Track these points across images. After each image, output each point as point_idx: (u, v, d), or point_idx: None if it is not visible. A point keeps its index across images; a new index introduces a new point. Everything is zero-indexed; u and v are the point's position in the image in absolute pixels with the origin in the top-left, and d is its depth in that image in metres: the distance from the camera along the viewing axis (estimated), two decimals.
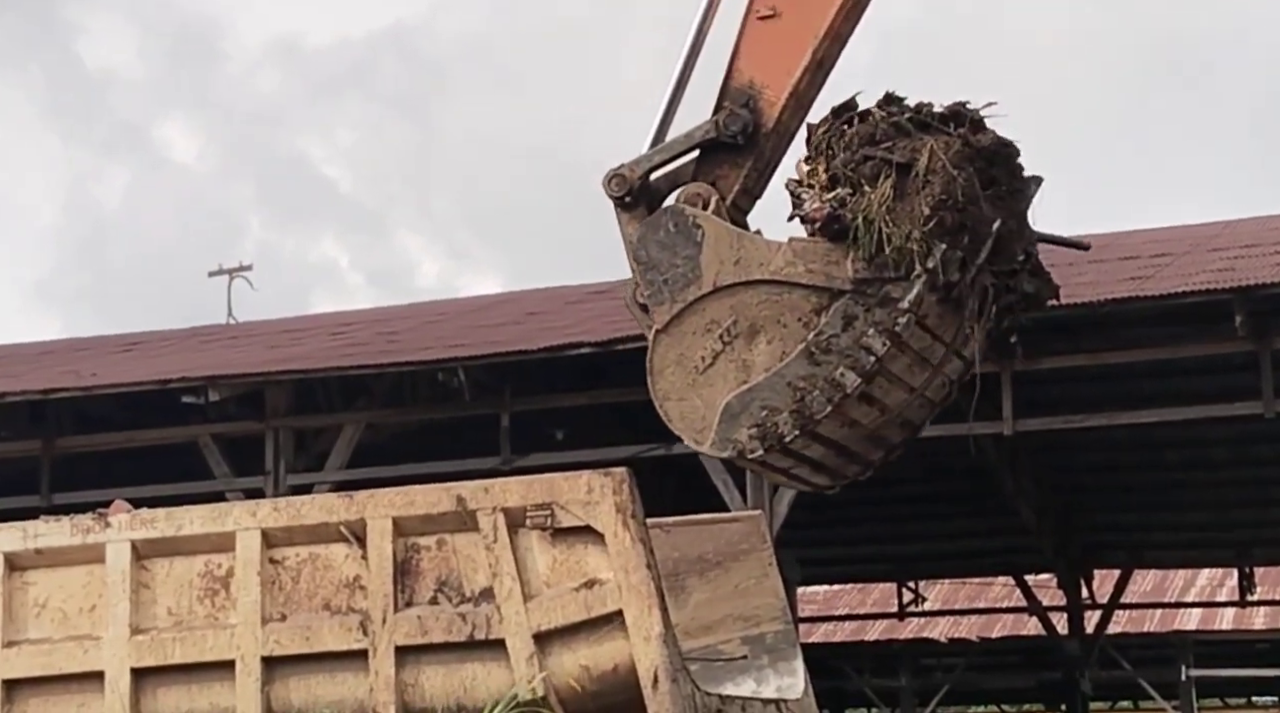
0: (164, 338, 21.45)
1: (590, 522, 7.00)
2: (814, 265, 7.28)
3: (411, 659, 7.07)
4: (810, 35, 7.67)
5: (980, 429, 16.87)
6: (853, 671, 26.83)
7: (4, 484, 17.72)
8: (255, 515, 7.31)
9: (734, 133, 7.61)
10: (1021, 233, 7.65)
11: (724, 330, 7.39)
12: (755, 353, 7.33)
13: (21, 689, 7.40)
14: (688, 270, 7.45)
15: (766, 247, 7.42)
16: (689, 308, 7.44)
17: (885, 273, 7.15)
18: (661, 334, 7.50)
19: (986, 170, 7.47)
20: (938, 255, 7.09)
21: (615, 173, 7.68)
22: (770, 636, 8.23)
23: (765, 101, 7.68)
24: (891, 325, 7.13)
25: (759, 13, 7.74)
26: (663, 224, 7.55)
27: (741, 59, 7.76)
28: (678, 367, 7.45)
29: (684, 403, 7.44)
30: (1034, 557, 23.48)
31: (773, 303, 7.33)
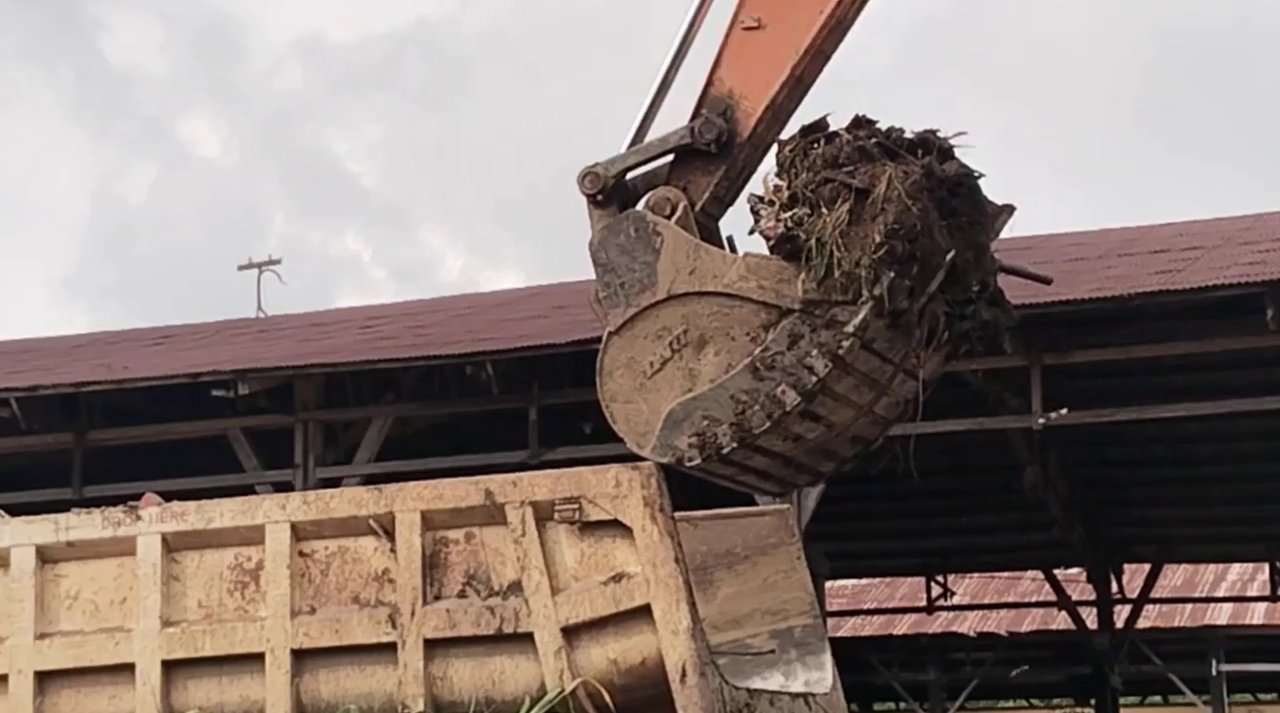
0: (194, 331, 21.53)
1: (618, 516, 7.00)
2: (765, 282, 7.39)
3: (440, 652, 7.09)
4: (792, 50, 7.73)
5: (1010, 423, 16.85)
6: (881, 665, 26.82)
7: (36, 477, 17.82)
8: (285, 509, 7.34)
9: (709, 140, 7.70)
10: (979, 263, 7.73)
11: (674, 338, 7.50)
12: (702, 363, 7.44)
13: (54, 681, 7.45)
14: (644, 276, 7.56)
15: (722, 259, 7.53)
16: (642, 313, 7.55)
17: (833, 296, 7.25)
18: (614, 336, 7.61)
19: (948, 200, 7.55)
20: (885, 283, 7.18)
21: (589, 170, 7.77)
22: (798, 630, 8.22)
23: (742, 112, 7.76)
24: (835, 347, 7.23)
25: (743, 23, 7.81)
26: (624, 228, 7.66)
27: (722, 67, 7.84)
28: (627, 370, 7.56)
29: (630, 406, 7.56)
30: (1063, 551, 23.40)
31: (723, 315, 7.44)
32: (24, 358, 20.43)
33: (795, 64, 7.73)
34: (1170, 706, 30.69)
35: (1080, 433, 18.07)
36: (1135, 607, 24.55)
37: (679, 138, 7.77)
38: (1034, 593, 28.32)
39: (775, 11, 7.75)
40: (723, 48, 7.86)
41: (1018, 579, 28.92)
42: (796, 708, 7.80)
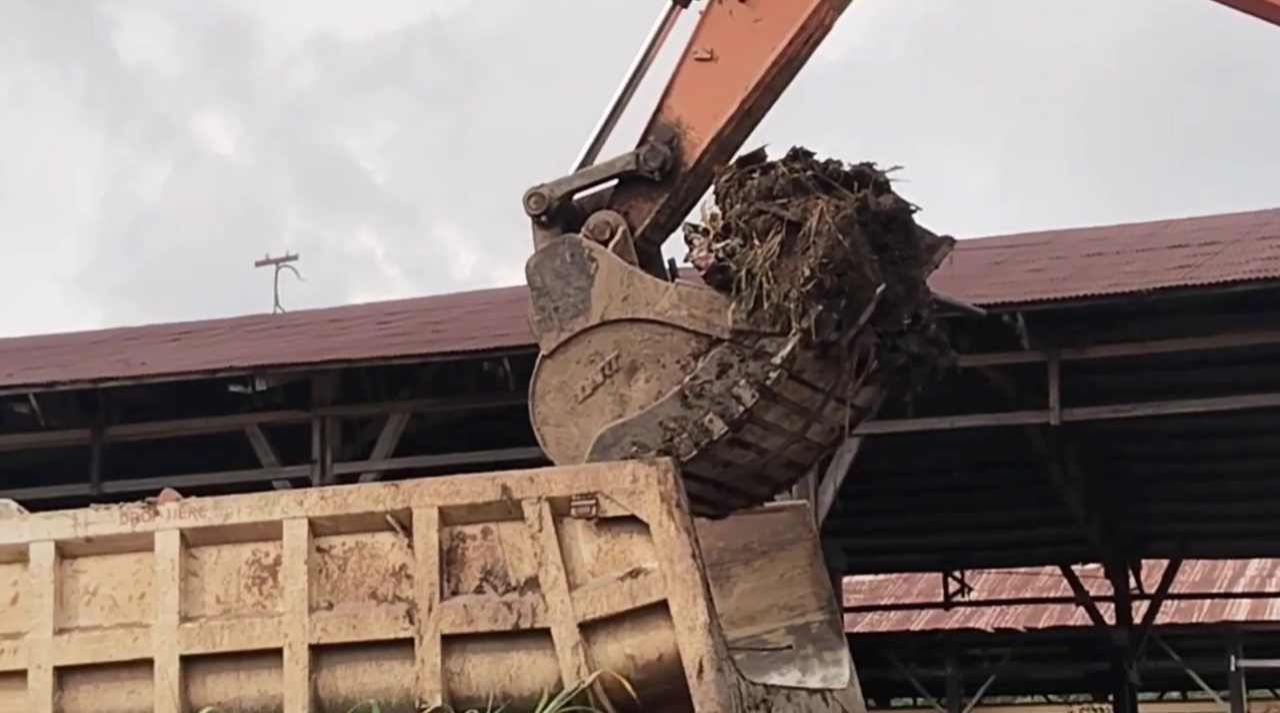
0: (212, 328, 21.57)
1: (635, 511, 7.00)
2: (697, 311, 7.48)
3: (457, 648, 7.10)
4: (742, 85, 7.83)
5: (1027, 419, 16.82)
6: (898, 660, 26.80)
7: (55, 472, 17.87)
8: (302, 504, 7.35)
9: (653, 168, 7.81)
10: (911, 297, 7.81)
11: (606, 363, 7.60)
12: (633, 389, 7.54)
13: (73, 676, 7.47)
14: (578, 301, 7.66)
15: (655, 287, 7.62)
16: (576, 338, 7.66)
17: (762, 327, 7.34)
18: (547, 360, 7.73)
19: (881, 234, 7.63)
20: (813, 316, 7.25)
21: (534, 191, 7.89)
22: (815, 625, 8.22)
23: (689, 142, 7.87)
24: (763, 378, 7.31)
25: (696, 53, 7.92)
26: (560, 253, 7.76)
27: (673, 96, 7.95)
28: (559, 394, 7.68)
29: (561, 430, 7.68)
30: (1081, 547, 23.35)
31: (654, 342, 7.53)
32: (42, 354, 20.49)
33: (745, 98, 7.86)
34: (1189, 701, 30.61)
35: (1098, 428, 18.04)
36: (1154, 602, 24.49)
37: (624, 163, 7.89)
38: (1052, 589, 28.26)
39: (728, 45, 7.87)
40: (674, 76, 8.00)
41: (1035, 575, 28.86)
42: (813, 704, 7.79)
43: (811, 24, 7.88)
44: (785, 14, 7.83)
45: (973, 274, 17.76)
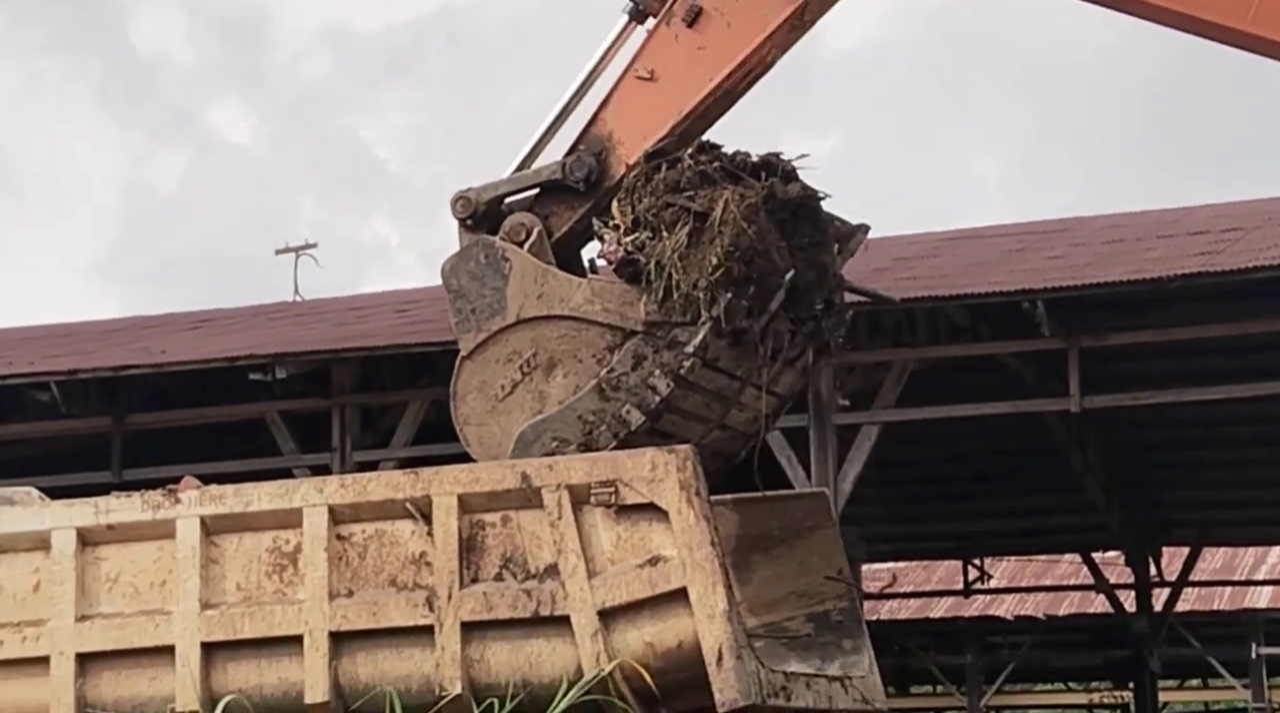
0: (231, 316, 21.60)
1: (654, 499, 7.01)
2: (610, 305, 7.59)
3: (477, 635, 7.11)
4: (676, 110, 7.94)
5: (1048, 406, 16.77)
6: (918, 648, 26.78)
7: (76, 460, 17.93)
8: (322, 492, 7.37)
9: (578, 178, 7.96)
10: (823, 282, 7.89)
11: (524, 361, 7.72)
12: (551, 385, 7.66)
13: (95, 663, 7.50)
14: (494, 301, 7.78)
15: (568, 283, 7.72)
16: (493, 338, 7.77)
17: (674, 317, 7.43)
18: (466, 361, 7.84)
19: (789, 222, 7.71)
20: (722, 304, 7.34)
21: (462, 195, 8.03)
22: (835, 613, 8.21)
23: (616, 157, 7.99)
24: (677, 367, 7.41)
25: (638, 72, 8.04)
26: (474, 255, 7.89)
27: (608, 110, 8.08)
28: (479, 393, 7.78)
29: (483, 429, 7.77)
30: (1101, 534, 23.30)
31: (570, 338, 7.65)
32: (63, 342, 20.55)
33: (676, 123, 7.97)
34: (1209, 689, 30.57)
35: (1118, 416, 17.98)
36: (1174, 590, 24.43)
37: (550, 172, 8.04)
38: (1072, 576, 28.20)
39: (669, 68, 7.97)
40: (614, 90, 8.13)
41: (1055, 562, 28.81)
42: (833, 691, 7.79)
43: (753, 59, 8.00)
44: (728, 46, 7.94)
45: (992, 261, 17.72)
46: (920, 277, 17.28)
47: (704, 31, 7.91)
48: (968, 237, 20.25)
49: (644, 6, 8.06)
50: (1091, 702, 32.92)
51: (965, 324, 16.28)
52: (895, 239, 20.63)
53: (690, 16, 7.92)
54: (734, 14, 7.89)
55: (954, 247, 19.37)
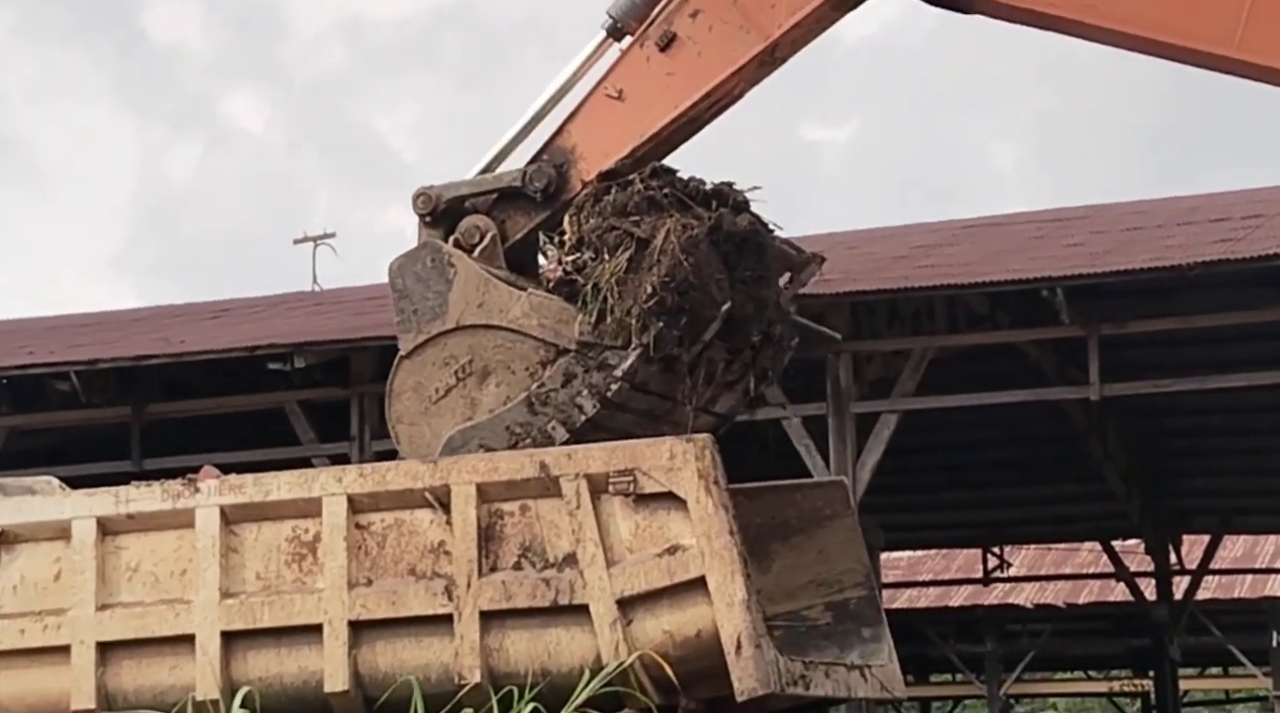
0: (250, 305, 21.63)
1: (673, 488, 7.00)
2: (546, 321, 7.71)
3: (496, 624, 7.12)
4: (639, 133, 8.03)
5: (1067, 394, 16.73)
6: (937, 636, 26.75)
7: (96, 449, 17.99)
8: (341, 481, 7.38)
9: (536, 188, 8.07)
10: (761, 315, 7.97)
11: (460, 367, 7.84)
12: (484, 393, 7.78)
13: (115, 651, 7.52)
14: (436, 305, 7.90)
15: (509, 295, 7.83)
16: (432, 340, 7.89)
17: (606, 340, 7.54)
18: (405, 360, 7.97)
19: (733, 254, 7.78)
20: (653, 332, 7.43)
21: (423, 192, 8.19)
22: (854, 601, 8.20)
23: (577, 171, 8.09)
24: (604, 390, 7.51)
25: (607, 90, 8.13)
26: (421, 258, 8.02)
27: (575, 124, 8.18)
28: (414, 394, 7.91)
29: (414, 428, 7.88)
30: (1121, 522, 23.24)
31: (506, 349, 7.77)
32: (83, 332, 20.61)
33: (638, 145, 8.05)
34: (1230, 677, 30.47)
35: (1139, 404, 17.93)
36: (1194, 578, 24.36)
37: (511, 179, 8.15)
38: (1091, 564, 28.15)
39: (637, 90, 8.05)
40: (582, 104, 8.22)
41: (1075, 551, 28.76)
42: (852, 680, 7.78)
43: (719, 91, 8.05)
44: (697, 75, 8.00)
45: (1012, 248, 17.67)
46: (939, 264, 17.24)
47: (675, 57, 7.99)
48: (987, 224, 20.20)
49: (622, 25, 8.15)
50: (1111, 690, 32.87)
51: (984, 312, 16.24)
52: (914, 227, 20.60)
53: (664, 41, 8.00)
54: (705, 44, 7.95)
55: (973, 234, 19.31)
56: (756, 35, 7.88)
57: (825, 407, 16.24)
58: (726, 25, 7.88)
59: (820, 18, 7.93)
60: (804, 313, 15.45)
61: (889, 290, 15.74)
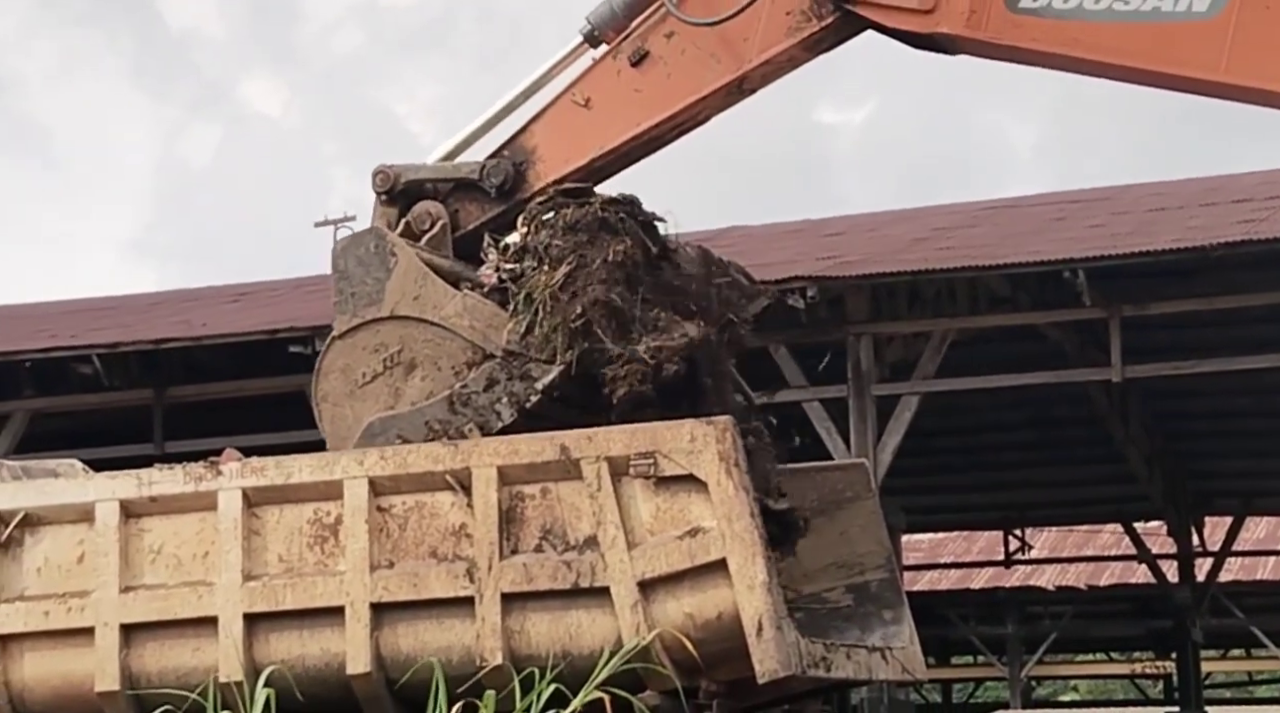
0: (271, 289, 21.68)
1: (693, 470, 7.00)
2: (477, 323, 7.77)
3: (517, 606, 7.13)
4: (599, 143, 8.08)
5: (1089, 376, 16.68)
6: (958, 618, 26.73)
7: (119, 433, 18.06)
8: (362, 464, 7.40)
9: (493, 184, 8.14)
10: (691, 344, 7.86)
11: (389, 355, 7.91)
12: (409, 385, 7.85)
13: (139, 633, 7.55)
14: (374, 291, 7.97)
15: (444, 293, 7.89)
16: (366, 325, 7.96)
17: (531, 352, 7.59)
18: (337, 340, 8.04)
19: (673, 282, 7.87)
20: (575, 351, 7.47)
21: (381, 170, 8.29)
22: (875, 584, 8.19)
23: (534, 172, 8.15)
24: (523, 400, 7.56)
25: (574, 96, 8.18)
26: (365, 242, 8.09)
27: (539, 125, 8.23)
28: (342, 375, 7.99)
29: (337, 409, 7.97)
30: (1143, 504, 23.19)
31: (435, 345, 7.83)
32: (104, 315, 20.68)
33: (597, 157, 8.10)
34: (1253, 659, 30.42)
35: (1161, 385, 17.88)
36: (1217, 560, 24.31)
37: (469, 170, 8.22)
38: (1113, 546, 28.10)
39: (604, 101, 8.10)
40: (548, 107, 8.25)
41: (1097, 533, 28.70)
42: (873, 662, 7.78)
43: (684, 114, 8.07)
44: (664, 96, 8.02)
45: (1033, 230, 17.62)
46: (959, 246, 17.20)
47: (645, 75, 8.01)
48: (1007, 206, 20.14)
49: (599, 34, 8.16)
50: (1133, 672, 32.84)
51: (1005, 294, 16.20)
52: (934, 209, 20.55)
53: (636, 57, 8.02)
54: (676, 67, 7.96)
55: (993, 216, 19.26)
56: (727, 66, 7.91)
57: (846, 389, 16.22)
58: (699, 51, 7.90)
59: (792, 57, 7.95)
60: (825, 295, 15.56)
61: (909, 272, 15.71)
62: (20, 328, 20.19)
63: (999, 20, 7.48)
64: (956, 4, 7.51)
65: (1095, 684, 39.39)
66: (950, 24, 7.55)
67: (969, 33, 7.55)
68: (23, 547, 7.74)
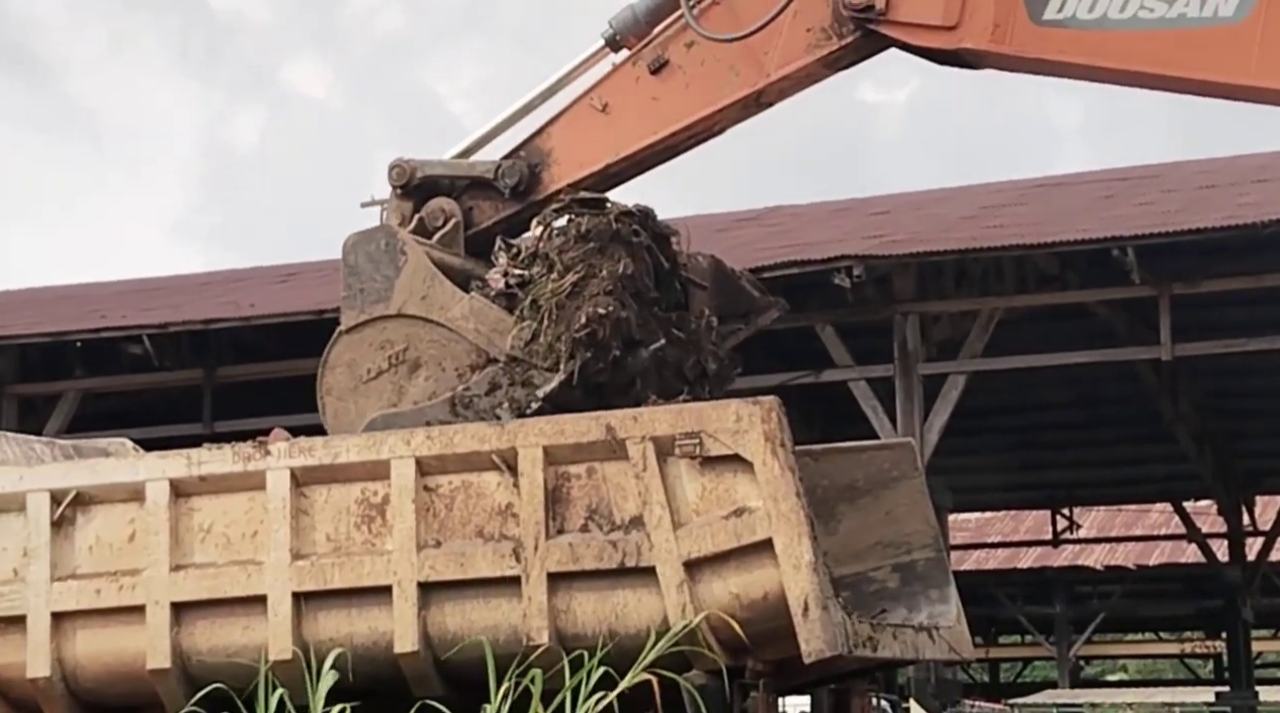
0: (319, 269, 21.76)
1: (739, 450, 6.99)
2: (483, 327, 7.83)
3: (563, 586, 7.15)
4: (615, 149, 8.09)
5: (1138, 354, 16.57)
6: (1006, 598, 26.68)
7: (168, 412, 18.20)
8: (409, 444, 7.42)
9: (508, 184, 8.18)
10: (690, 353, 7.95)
11: (395, 353, 7.98)
12: (412, 384, 7.93)
13: (189, 612, 7.61)
14: (383, 288, 8.03)
15: (452, 295, 7.95)
16: (373, 322, 8.04)
17: (534, 359, 7.62)
18: (344, 335, 8.12)
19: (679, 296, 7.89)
20: (578, 361, 7.51)
21: (398, 163, 8.33)
22: (921, 563, 8.17)
23: (549, 174, 8.18)
24: (524, 406, 7.61)
25: (593, 100, 8.19)
26: (376, 239, 8.13)
27: (556, 127, 8.25)
28: (347, 370, 8.07)
29: (341, 403, 8.05)
30: (1193, 483, 23.05)
31: (440, 346, 7.90)
32: (154, 296, 20.83)
33: (612, 162, 8.11)
34: None
35: (1211, 364, 17.74)
36: (1268, 539, 24.15)
37: (485, 169, 8.25)
38: (1163, 526, 27.95)
39: (622, 107, 8.11)
40: (566, 109, 8.27)
41: (1146, 512, 28.55)
42: (920, 641, 7.77)
43: (700, 125, 8.07)
44: (681, 106, 8.02)
45: (1081, 208, 17.49)
46: (1008, 224, 17.09)
47: (664, 83, 8.01)
48: (1056, 184, 20.00)
49: (621, 39, 8.16)
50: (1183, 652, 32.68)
51: (1053, 272, 16.10)
52: (982, 187, 20.42)
53: (656, 65, 8.02)
54: (695, 77, 7.96)
55: (1042, 194, 19.13)
56: (746, 79, 7.90)
57: (892, 368, 16.17)
58: (718, 63, 7.89)
59: (811, 73, 7.93)
60: (871, 274, 15.51)
61: (957, 251, 15.64)
62: (71, 309, 20.37)
63: (1024, 33, 7.43)
64: (980, 19, 7.47)
65: (1144, 664, 39.23)
66: (975, 39, 7.51)
67: (994, 47, 7.51)
68: (75, 525, 7.81)
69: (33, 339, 18.47)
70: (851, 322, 16.24)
